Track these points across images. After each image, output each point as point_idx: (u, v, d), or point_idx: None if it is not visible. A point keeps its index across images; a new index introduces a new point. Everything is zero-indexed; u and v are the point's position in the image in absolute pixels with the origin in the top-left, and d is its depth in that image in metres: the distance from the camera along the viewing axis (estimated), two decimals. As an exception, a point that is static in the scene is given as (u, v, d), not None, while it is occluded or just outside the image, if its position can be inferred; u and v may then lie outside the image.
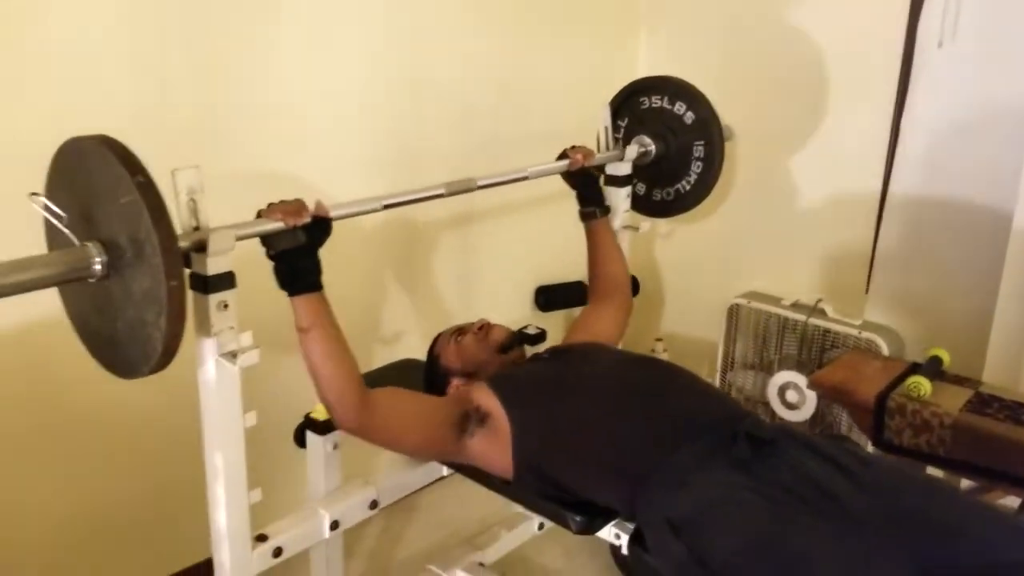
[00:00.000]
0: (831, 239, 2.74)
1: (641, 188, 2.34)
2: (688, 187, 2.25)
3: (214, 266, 1.34)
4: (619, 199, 2.19)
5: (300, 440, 1.77)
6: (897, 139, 2.46)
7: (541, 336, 2.19)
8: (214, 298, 1.35)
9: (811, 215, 2.77)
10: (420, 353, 2.00)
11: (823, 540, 1.28)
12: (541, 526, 2.21)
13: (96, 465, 1.97)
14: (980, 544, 1.33)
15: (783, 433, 1.50)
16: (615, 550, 2.33)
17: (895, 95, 2.46)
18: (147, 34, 1.85)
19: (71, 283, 1.28)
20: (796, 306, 2.69)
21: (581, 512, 1.57)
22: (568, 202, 2.17)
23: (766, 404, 2.74)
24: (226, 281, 1.36)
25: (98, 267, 1.23)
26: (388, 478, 1.81)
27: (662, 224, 3.12)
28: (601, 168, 2.17)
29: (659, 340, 2.83)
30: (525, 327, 2.20)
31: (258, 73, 2.05)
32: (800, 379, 2.62)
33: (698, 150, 2.20)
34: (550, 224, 2.83)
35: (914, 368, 2.26)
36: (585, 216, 2.08)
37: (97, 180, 1.22)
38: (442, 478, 1.91)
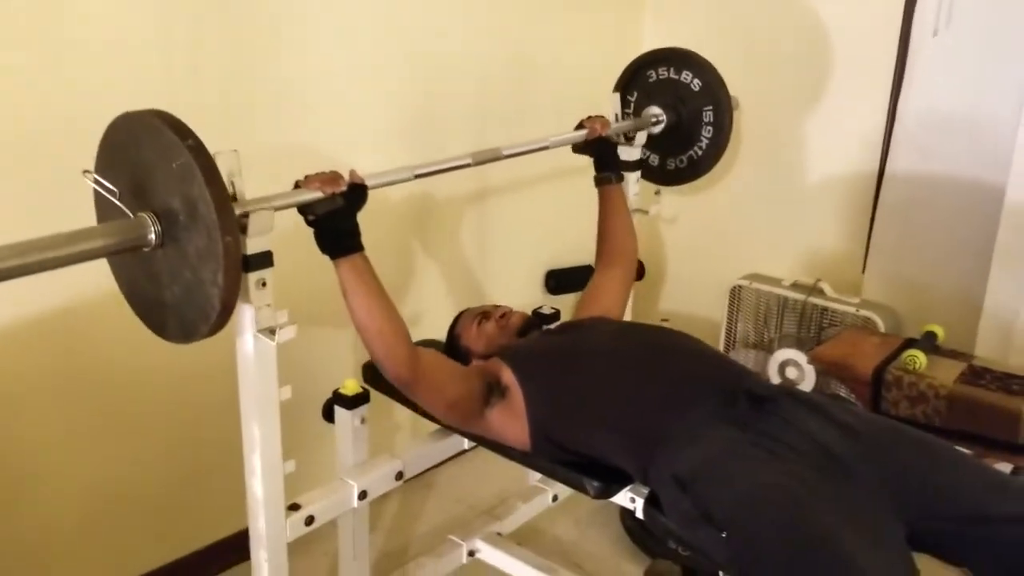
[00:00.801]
0: (829, 221, 2.82)
1: (655, 159, 2.40)
2: (700, 152, 2.32)
3: (253, 245, 1.40)
4: (628, 184, 2.27)
5: (328, 415, 1.85)
6: (894, 123, 2.54)
7: (555, 316, 2.29)
8: (253, 276, 1.41)
9: (810, 198, 2.85)
10: (435, 333, 2.07)
11: (815, 487, 1.36)
12: (555, 498, 2.30)
13: (131, 436, 2.06)
14: (969, 498, 1.40)
15: (784, 392, 1.58)
16: (625, 520, 2.44)
17: (892, 80, 2.54)
18: (177, 14, 1.92)
19: (125, 253, 1.33)
20: (796, 286, 2.78)
21: (598, 478, 1.65)
22: (576, 188, 2.24)
23: (766, 377, 2.83)
24: (265, 260, 1.43)
25: (152, 236, 1.28)
26: (412, 450, 1.89)
27: (667, 209, 3.20)
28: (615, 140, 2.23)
29: (665, 320, 2.91)
30: (539, 307, 2.30)
31: (280, 51, 2.12)
32: (800, 356, 2.70)
33: (707, 115, 2.27)
34: (559, 209, 2.92)
35: (910, 343, 2.35)
36: (600, 181, 2.11)
37: (148, 151, 1.28)
38: (463, 452, 1.99)
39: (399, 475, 1.84)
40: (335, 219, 1.50)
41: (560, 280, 2.99)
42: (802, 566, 1.26)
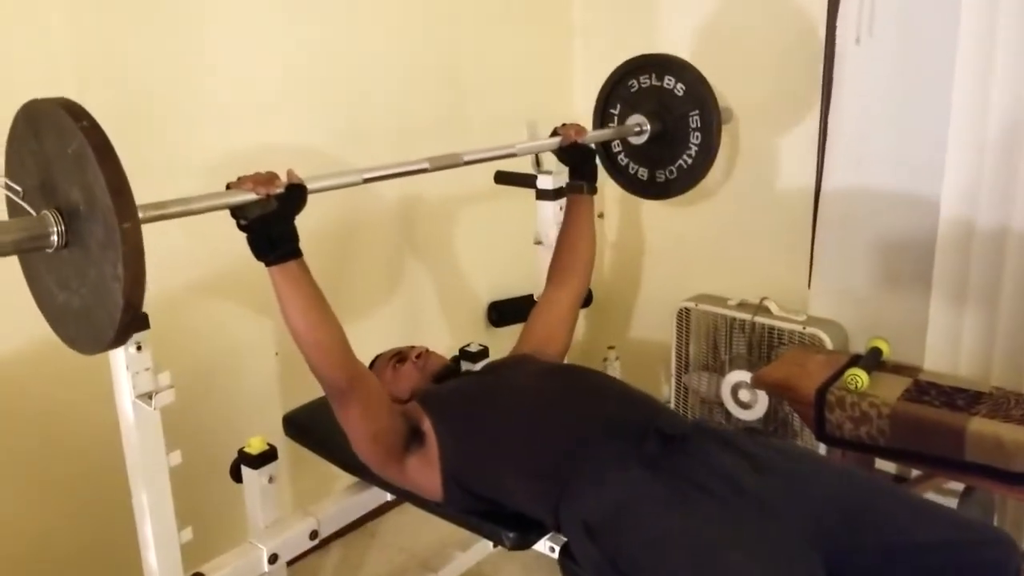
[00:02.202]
0: (773, 238, 2.77)
1: (643, 173, 2.32)
2: (689, 160, 2.23)
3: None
4: (548, 214, 2.21)
5: (236, 475, 1.78)
6: (826, 136, 2.49)
7: (484, 353, 2.22)
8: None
9: (752, 215, 2.80)
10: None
11: (725, 528, 1.30)
12: (496, 544, 2.22)
13: (36, 494, 1.96)
14: (894, 526, 1.35)
15: (696, 428, 1.52)
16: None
17: (821, 91, 2.49)
18: (89, 22, 1.85)
19: (31, 255, 1.25)
20: (742, 305, 2.71)
21: (513, 528, 1.58)
22: (518, 217, 2.15)
23: (721, 404, 2.76)
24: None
25: (55, 235, 1.19)
26: (329, 507, 1.81)
27: (611, 232, 3.15)
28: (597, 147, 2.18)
29: (611, 348, 2.84)
30: (467, 345, 2.23)
31: (201, 53, 2.05)
32: (750, 378, 2.64)
33: (694, 120, 2.18)
34: (500, 240, 2.86)
35: (855, 360, 2.29)
36: (571, 188, 2.05)
37: (48, 140, 1.19)
38: (386, 503, 1.91)
39: (314, 534, 1.76)
40: (268, 223, 1.40)
41: (503, 312, 2.92)
42: None
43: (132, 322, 1.19)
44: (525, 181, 2.23)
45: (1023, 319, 2.17)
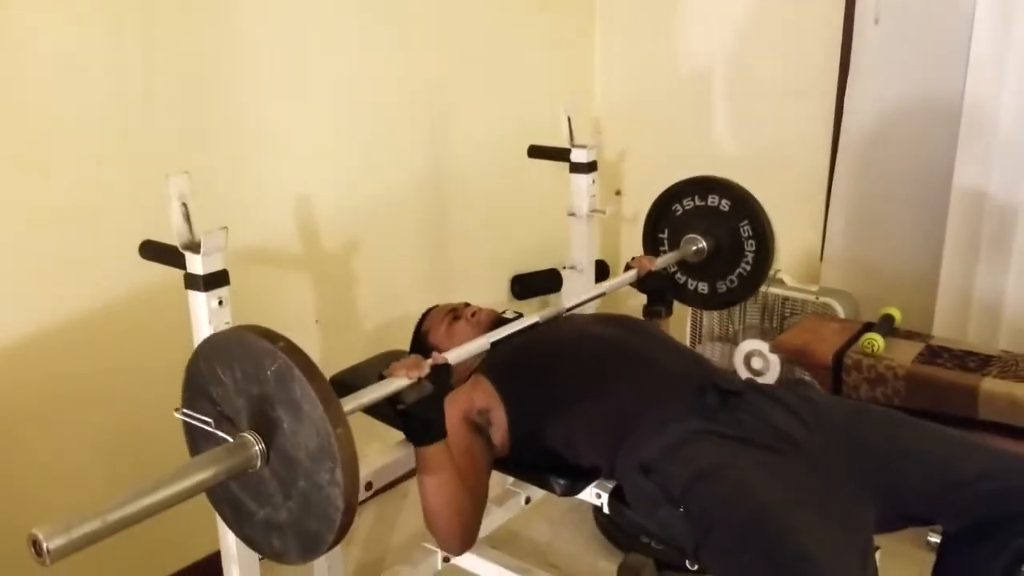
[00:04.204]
0: (787, 210, 2.85)
1: (704, 287, 2.34)
2: (748, 268, 2.25)
3: (208, 264, 1.42)
4: (583, 185, 2.29)
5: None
6: (842, 111, 2.59)
7: (518, 319, 2.30)
8: (211, 295, 1.43)
9: (768, 189, 2.87)
10: (398, 343, 2.09)
11: (775, 469, 1.39)
12: (528, 500, 2.31)
13: (96, 456, 2.04)
14: (935, 464, 1.43)
15: (749, 386, 1.61)
16: (598, 518, 2.46)
17: (838, 68, 2.58)
18: (130, 46, 1.93)
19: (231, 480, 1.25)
20: (756, 277, 2.81)
21: (564, 476, 1.67)
22: (542, 192, 2.23)
23: (734, 372, 2.86)
24: (220, 279, 1.45)
25: (258, 456, 1.21)
26: (380, 461, 1.88)
27: (627, 209, 3.24)
28: (665, 272, 2.24)
29: (629, 318, 2.94)
30: (503, 312, 2.31)
31: (234, 78, 2.14)
32: (763, 346, 2.73)
33: (745, 230, 2.22)
34: (525, 214, 2.95)
35: (868, 327, 2.40)
36: (650, 314, 2.12)
37: (240, 367, 1.22)
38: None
39: (368, 485, 1.84)
40: (425, 406, 1.46)
41: (525, 284, 3.01)
42: (751, 537, 1.28)
43: (350, 523, 1.19)
44: (559, 155, 2.31)
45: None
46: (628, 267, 2.12)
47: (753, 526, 1.29)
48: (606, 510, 1.65)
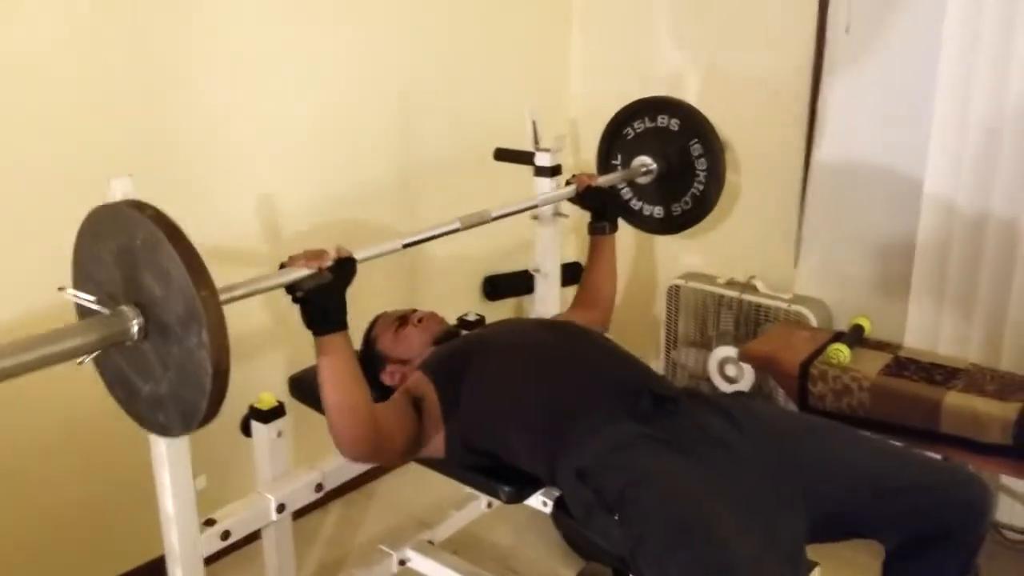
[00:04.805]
0: (762, 219, 2.85)
1: (659, 211, 2.37)
2: (701, 188, 2.27)
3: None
4: (546, 189, 2.28)
5: (246, 430, 1.85)
6: (815, 118, 2.57)
7: (481, 323, 2.29)
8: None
9: (742, 197, 2.87)
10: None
11: (707, 477, 1.39)
12: (489, 504, 2.31)
13: (49, 466, 2.04)
14: (867, 475, 1.44)
15: (686, 393, 1.61)
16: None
17: (811, 73, 2.57)
18: (95, 47, 1.92)
19: (111, 351, 1.26)
20: (730, 284, 2.80)
21: (510, 483, 1.66)
22: (513, 193, 2.22)
23: (708, 379, 2.85)
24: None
25: (135, 328, 1.21)
26: (332, 462, 1.88)
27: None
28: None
29: (603, 323, 2.93)
30: (465, 314, 2.31)
31: (198, 81, 2.13)
32: (736, 353, 2.73)
33: (695, 148, 2.23)
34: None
35: (838, 336, 2.38)
36: (593, 230, 2.15)
37: (113, 240, 1.23)
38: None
39: (318, 487, 1.84)
40: (323, 294, 1.47)
41: (497, 286, 3.00)
42: (681, 546, 1.28)
43: (223, 389, 1.19)
44: (524, 158, 2.30)
45: (1001, 300, 2.26)
46: (569, 182, 2.12)
47: (683, 535, 1.29)
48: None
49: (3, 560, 1.99)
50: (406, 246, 1.72)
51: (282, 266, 1.50)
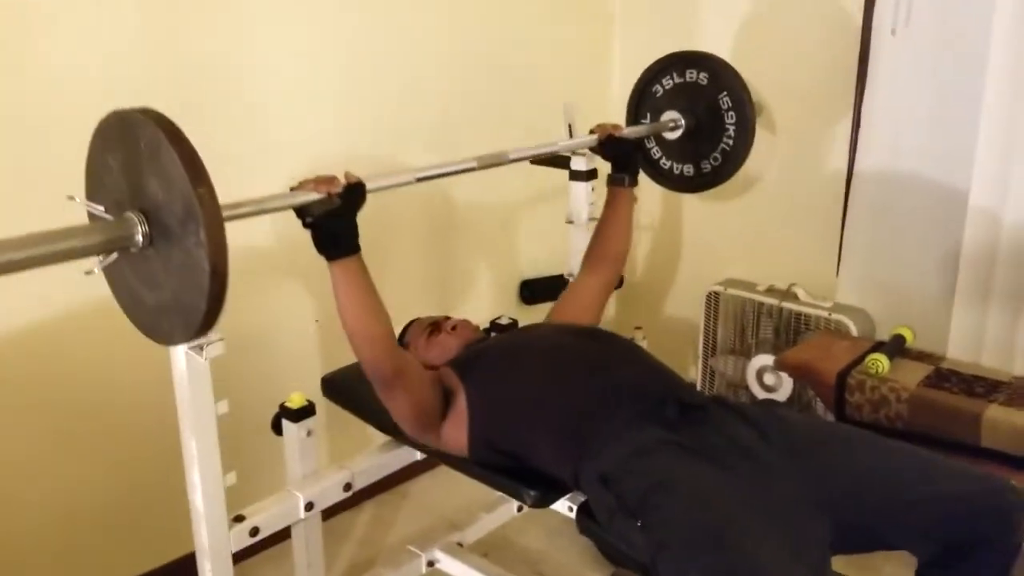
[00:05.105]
0: (804, 225, 2.81)
1: (689, 169, 2.34)
2: (731, 141, 2.24)
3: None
4: (582, 195, 2.28)
5: (277, 428, 1.88)
6: (859, 126, 2.52)
7: (514, 326, 2.29)
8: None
9: (784, 203, 2.84)
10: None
11: (733, 484, 1.37)
12: (520, 508, 2.30)
13: (89, 459, 2.09)
14: (897, 486, 1.40)
15: (714, 401, 1.59)
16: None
17: (855, 82, 2.52)
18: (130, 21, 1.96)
19: (118, 256, 1.27)
20: (770, 291, 2.76)
21: (536, 487, 1.65)
22: (552, 198, 2.23)
23: (746, 388, 2.81)
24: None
25: (139, 234, 1.22)
26: (361, 462, 1.90)
27: (642, 217, 3.21)
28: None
29: (638, 328, 2.89)
30: (498, 318, 2.31)
31: (240, 53, 2.16)
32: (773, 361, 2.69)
33: (724, 102, 2.20)
34: (534, 219, 2.93)
35: (879, 346, 2.33)
36: (612, 181, 2.11)
37: (121, 148, 1.24)
38: (417, 464, 2.00)
39: (347, 486, 1.86)
40: (333, 220, 1.48)
41: (535, 290, 2.99)
42: (704, 554, 1.26)
43: (222, 291, 1.17)
44: (560, 162, 2.29)
45: (1047, 312, 2.21)
46: (592, 132, 2.10)
47: (705, 542, 1.28)
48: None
49: (30, 561, 2.04)
50: (420, 180, 1.69)
51: (292, 189, 1.49)
